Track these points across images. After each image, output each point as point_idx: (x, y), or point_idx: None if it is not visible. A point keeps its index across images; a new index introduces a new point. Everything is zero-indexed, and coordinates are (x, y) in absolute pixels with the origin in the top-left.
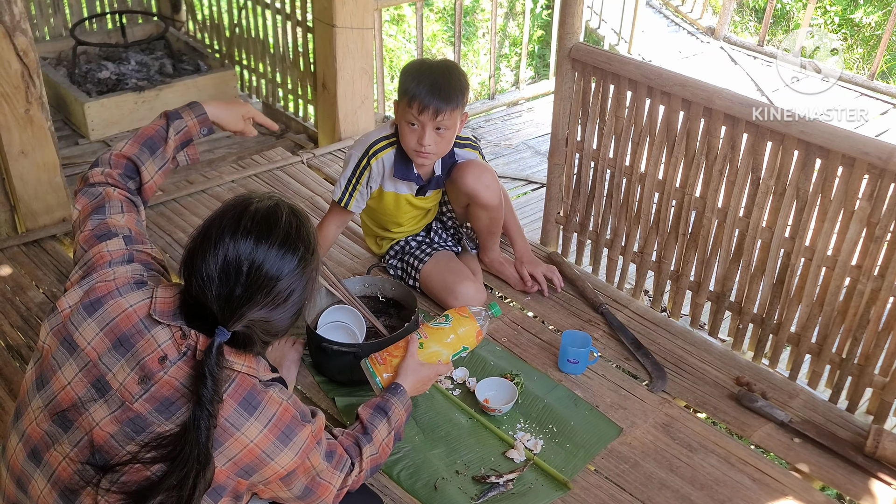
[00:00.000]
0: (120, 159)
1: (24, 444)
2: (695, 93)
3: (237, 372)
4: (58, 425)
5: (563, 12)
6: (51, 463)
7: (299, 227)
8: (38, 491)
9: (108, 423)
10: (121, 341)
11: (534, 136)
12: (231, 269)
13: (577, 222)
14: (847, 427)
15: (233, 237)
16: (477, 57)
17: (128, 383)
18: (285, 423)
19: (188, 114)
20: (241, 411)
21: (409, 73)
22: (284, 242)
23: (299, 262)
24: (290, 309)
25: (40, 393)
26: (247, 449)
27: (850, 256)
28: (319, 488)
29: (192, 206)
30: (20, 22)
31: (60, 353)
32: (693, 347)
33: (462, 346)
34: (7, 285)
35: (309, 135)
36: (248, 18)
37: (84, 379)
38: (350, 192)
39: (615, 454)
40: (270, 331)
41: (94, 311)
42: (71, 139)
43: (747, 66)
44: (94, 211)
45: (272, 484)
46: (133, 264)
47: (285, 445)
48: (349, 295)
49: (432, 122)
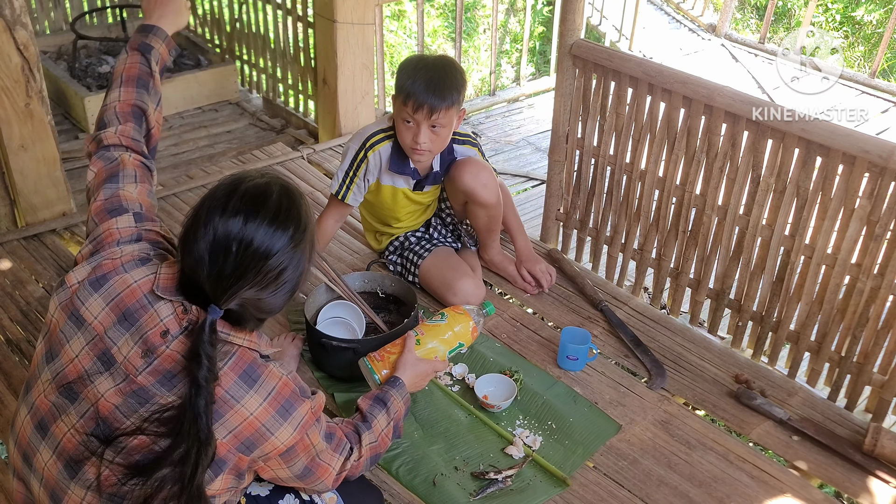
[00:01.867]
0: (126, 109)
1: (32, 416)
2: (695, 90)
3: (238, 346)
4: (65, 397)
5: (564, 9)
6: (56, 434)
7: (290, 205)
8: (43, 463)
9: (112, 395)
10: (125, 316)
11: (534, 133)
12: (220, 247)
13: (577, 219)
14: (846, 425)
15: (222, 216)
16: (478, 53)
17: (132, 357)
18: (285, 397)
19: (154, 40)
20: (241, 384)
21: (405, 69)
22: (274, 220)
23: (290, 239)
24: (282, 287)
25: (49, 366)
26: (247, 422)
27: (849, 255)
28: (319, 469)
29: (192, 200)
30: (20, 16)
31: (68, 327)
32: (692, 345)
33: (458, 342)
34: (6, 279)
35: (309, 130)
36: (248, 13)
37: (91, 352)
38: (347, 184)
39: (614, 451)
40: (263, 308)
41: (100, 286)
42: (71, 133)
43: (748, 63)
44: (108, 178)
45: (272, 461)
46: (141, 243)
47: (285, 419)
48: (349, 291)
49: (427, 120)
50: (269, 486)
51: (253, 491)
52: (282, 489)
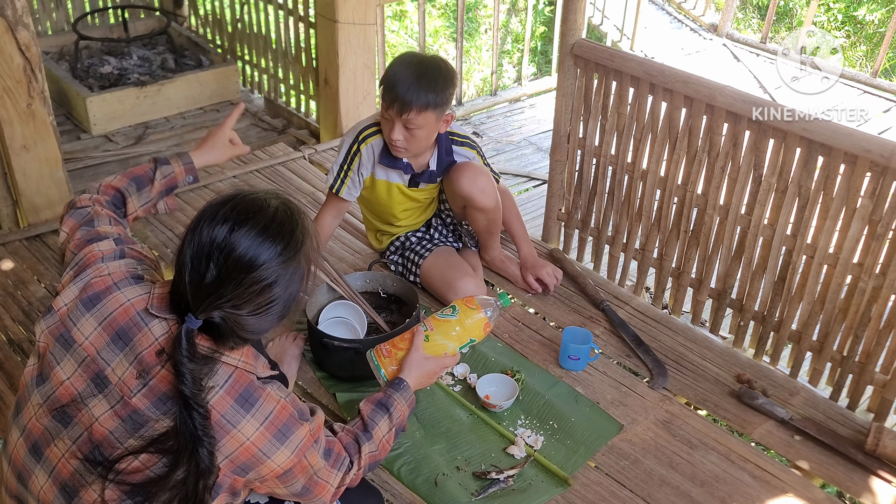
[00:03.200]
0: (108, 189)
1: (25, 439)
2: (697, 90)
3: (235, 367)
4: (57, 420)
5: (565, 8)
6: (51, 459)
7: (285, 220)
8: (39, 487)
9: (107, 419)
10: (119, 335)
11: (536, 133)
12: (203, 254)
13: (578, 219)
14: (847, 425)
15: (211, 223)
16: (479, 53)
17: (126, 378)
18: (282, 422)
19: (176, 161)
20: (237, 408)
21: (393, 63)
22: (263, 231)
23: (278, 254)
24: (267, 307)
25: (39, 388)
26: (243, 447)
27: (851, 254)
28: (317, 487)
29: (193, 201)
30: (22, 16)
31: (57, 349)
32: (694, 344)
33: (469, 338)
34: (9, 280)
35: (311, 130)
36: (250, 14)
37: (83, 374)
38: (342, 178)
39: (616, 451)
40: (245, 328)
41: (93, 305)
42: (73, 134)
43: (750, 63)
44: (82, 225)
45: (269, 482)
46: (126, 259)
47: (282, 444)
48: (350, 291)
49: (399, 118)
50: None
51: (252, 499)
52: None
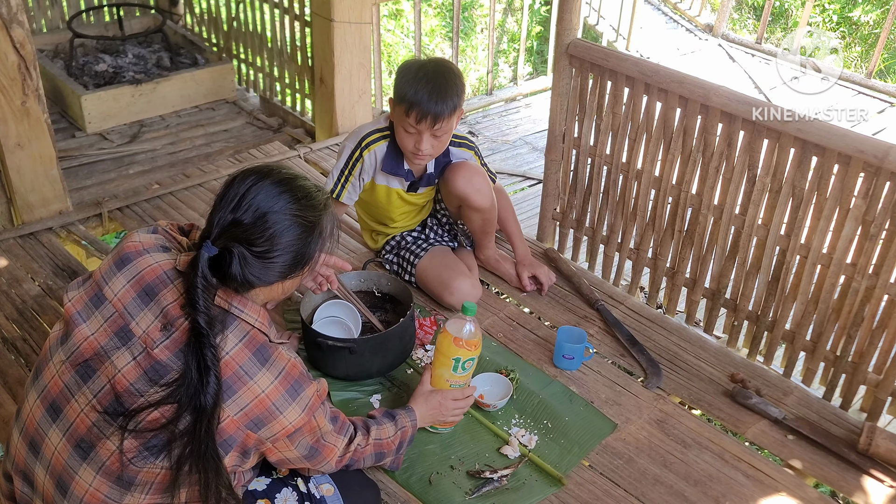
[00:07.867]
0: None
1: (43, 400)
2: (692, 90)
3: (251, 327)
4: (79, 376)
5: (561, 8)
6: (69, 416)
7: (311, 190)
8: (53, 448)
9: (129, 370)
10: (146, 291)
11: (531, 133)
12: (230, 195)
13: (573, 219)
14: (841, 424)
15: (245, 178)
16: (475, 52)
17: (150, 330)
18: (294, 378)
19: None
20: (254, 361)
21: (405, 77)
22: (285, 184)
23: (293, 206)
24: (272, 256)
25: (63, 346)
26: (258, 399)
27: (845, 254)
28: (325, 449)
29: (188, 199)
30: (17, 14)
31: (87, 308)
32: (688, 344)
33: (452, 358)
34: (3, 278)
35: (306, 129)
36: (245, 12)
37: (108, 329)
38: (342, 183)
39: (610, 450)
40: (252, 268)
41: (124, 265)
42: (68, 132)
43: (745, 63)
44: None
45: (279, 441)
46: (157, 235)
47: (293, 399)
48: (345, 290)
49: (430, 129)
50: (267, 481)
51: (251, 486)
52: (279, 483)
